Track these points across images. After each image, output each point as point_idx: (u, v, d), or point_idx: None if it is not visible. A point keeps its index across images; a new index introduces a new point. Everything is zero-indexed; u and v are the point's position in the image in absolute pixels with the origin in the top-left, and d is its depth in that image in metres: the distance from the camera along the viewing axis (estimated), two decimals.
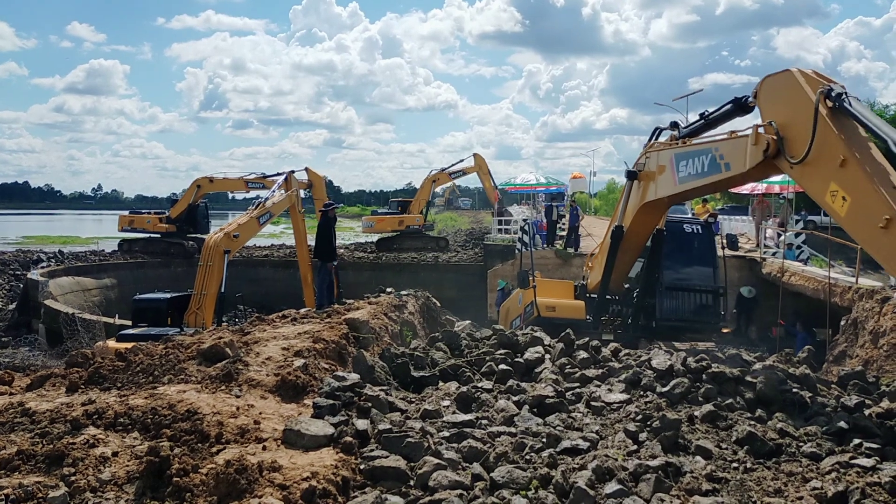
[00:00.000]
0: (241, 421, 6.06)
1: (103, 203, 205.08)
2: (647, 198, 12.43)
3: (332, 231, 17.85)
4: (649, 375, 7.93)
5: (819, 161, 7.59)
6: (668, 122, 12.60)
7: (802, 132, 7.78)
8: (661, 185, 11.91)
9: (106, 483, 4.99)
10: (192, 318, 16.38)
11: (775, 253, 23.87)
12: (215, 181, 34.98)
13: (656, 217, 13.23)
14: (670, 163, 11.37)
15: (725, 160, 9.69)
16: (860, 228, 7.26)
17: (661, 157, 11.95)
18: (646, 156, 12.61)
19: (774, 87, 8.68)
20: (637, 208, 12.88)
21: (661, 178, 11.84)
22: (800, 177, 8.12)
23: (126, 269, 34.23)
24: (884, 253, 6.99)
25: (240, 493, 4.84)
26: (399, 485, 5.47)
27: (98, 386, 7.09)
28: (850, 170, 7.14)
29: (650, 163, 12.39)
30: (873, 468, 5.61)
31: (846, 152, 7.17)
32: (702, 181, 10.46)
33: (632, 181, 13.07)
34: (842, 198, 7.29)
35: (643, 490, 5.34)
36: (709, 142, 10.38)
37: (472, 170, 39.62)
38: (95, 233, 61.41)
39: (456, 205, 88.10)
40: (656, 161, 12.10)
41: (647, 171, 12.46)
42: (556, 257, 26.56)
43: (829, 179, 7.43)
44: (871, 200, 6.90)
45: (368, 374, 7.82)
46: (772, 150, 8.30)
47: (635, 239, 13.41)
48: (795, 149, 7.97)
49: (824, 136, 7.45)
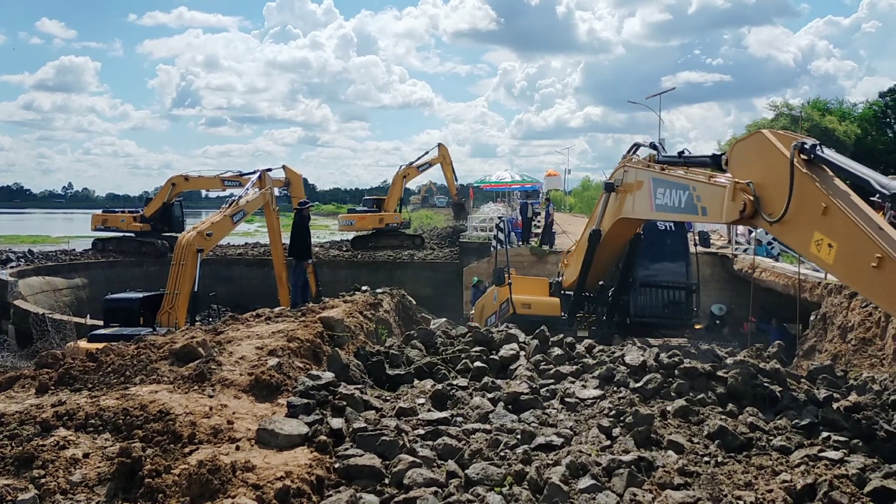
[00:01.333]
0: (215, 421, 6.02)
1: (74, 202, 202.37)
2: (625, 213, 12.47)
3: (307, 229, 17.79)
4: (622, 371, 8.00)
5: (800, 214, 7.53)
6: (649, 142, 12.65)
7: (778, 190, 7.74)
8: (638, 204, 11.88)
9: (77, 485, 4.93)
10: (165, 317, 16.23)
11: (746, 249, 24.17)
12: (191, 179, 34.48)
13: (633, 229, 13.33)
14: (648, 184, 11.33)
15: (702, 203, 9.62)
16: (851, 272, 7.15)
17: (639, 176, 11.95)
18: (624, 169, 12.66)
19: (746, 151, 8.68)
20: (614, 219, 12.95)
21: (639, 195, 11.80)
22: (780, 233, 8.09)
23: (97, 268, 33.83)
24: (880, 292, 6.81)
25: (213, 493, 4.82)
26: (374, 483, 5.47)
27: (68, 387, 6.99)
28: (834, 216, 7.08)
29: (628, 176, 12.43)
30: (841, 461, 5.72)
31: (827, 200, 7.12)
32: (678, 216, 10.55)
33: (609, 193, 13.14)
34: (828, 245, 7.21)
35: (616, 485, 5.39)
36: (688, 179, 10.24)
37: (437, 160, 39.69)
38: (66, 232, 60.52)
39: (432, 202, 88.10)
40: (634, 176, 12.13)
41: (625, 185, 12.50)
42: (531, 254, 26.68)
43: (812, 230, 7.35)
44: (860, 242, 6.82)
45: (343, 372, 7.81)
46: (748, 211, 8.24)
47: (613, 244, 13.52)
48: (772, 207, 7.92)
49: (803, 188, 7.41)
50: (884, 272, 6.57)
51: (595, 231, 13.50)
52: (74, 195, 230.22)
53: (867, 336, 12.69)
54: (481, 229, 35.42)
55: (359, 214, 41.90)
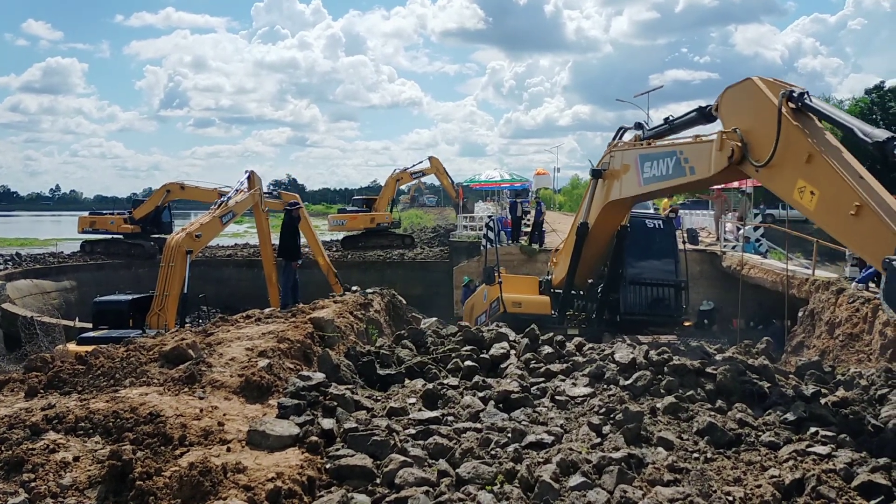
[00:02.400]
0: (205, 423, 6.01)
1: (61, 204, 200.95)
2: (612, 197, 12.56)
3: (297, 230, 17.75)
4: (612, 369, 8.04)
5: (784, 161, 7.76)
6: (633, 123, 12.73)
7: (766, 136, 7.95)
8: (625, 184, 12.04)
9: (67, 488, 4.91)
10: (154, 319, 16.16)
11: (735, 246, 24.30)
12: (187, 188, 33.45)
13: (620, 215, 13.39)
14: (635, 163, 11.50)
15: (690, 164, 9.84)
16: (831, 219, 7.39)
17: (625, 156, 12.08)
18: (610, 154, 12.74)
19: (735, 96, 8.85)
20: (602, 206, 13.01)
21: (626, 177, 11.98)
22: (766, 179, 8.26)
23: (86, 270, 33.67)
24: (857, 240, 7.15)
25: (204, 495, 4.81)
26: (365, 483, 5.47)
27: (58, 390, 6.97)
28: (817, 164, 7.32)
29: (614, 161, 12.53)
30: (829, 455, 5.77)
31: (811, 148, 7.37)
32: (666, 183, 10.61)
33: (596, 179, 13.20)
34: (810, 192, 7.45)
35: (606, 482, 5.42)
36: (674, 144, 10.52)
37: (430, 171, 39.93)
38: (54, 234, 60.05)
39: (421, 202, 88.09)
40: (621, 160, 12.24)
41: (612, 170, 12.60)
42: (521, 253, 26.70)
43: (795, 177, 7.59)
44: (840, 190, 7.07)
45: (334, 373, 7.81)
46: (736, 157, 8.46)
47: (600, 235, 13.56)
48: (759, 153, 8.14)
49: (789, 136, 7.62)
50: (861, 220, 6.85)
51: (582, 224, 13.54)
52: (62, 197, 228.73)
53: (854, 332, 12.80)
54: (471, 228, 35.42)
55: (350, 214, 41.84)
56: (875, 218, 6.74)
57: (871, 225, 6.80)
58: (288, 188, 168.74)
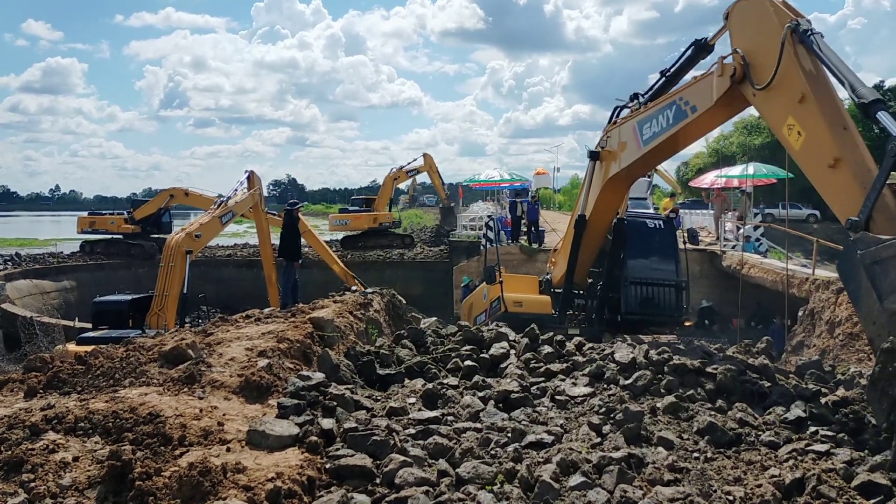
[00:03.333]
0: (205, 423, 6.00)
1: (61, 204, 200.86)
2: (611, 172, 12.49)
3: (297, 230, 17.76)
4: (612, 369, 8.03)
5: (780, 92, 7.92)
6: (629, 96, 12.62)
7: (768, 59, 8.05)
8: (625, 156, 12.02)
9: (67, 488, 4.91)
10: (154, 319, 16.18)
11: (734, 246, 24.31)
12: (191, 195, 33.63)
13: (620, 194, 13.32)
14: (633, 131, 11.51)
15: (691, 104, 9.88)
16: (811, 164, 7.63)
17: (622, 132, 12.07)
18: (607, 135, 12.73)
19: (745, 12, 8.90)
20: (601, 187, 12.94)
21: (625, 152, 11.98)
22: (762, 103, 8.39)
23: (86, 270, 33.69)
24: (830, 192, 7.35)
25: (204, 495, 4.80)
26: (365, 483, 5.46)
27: (57, 390, 6.96)
28: (807, 107, 7.49)
29: (611, 141, 12.52)
30: (827, 453, 5.76)
31: (805, 89, 7.53)
32: (668, 133, 10.55)
33: (594, 161, 13.17)
34: (797, 132, 7.69)
35: (607, 482, 5.41)
36: (671, 94, 10.57)
37: (423, 168, 40.27)
38: (53, 234, 60.07)
39: (420, 202, 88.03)
40: (618, 138, 12.24)
41: (609, 150, 12.58)
42: (520, 253, 26.72)
43: (787, 113, 7.80)
44: (823, 139, 7.30)
45: (333, 372, 7.80)
46: (738, 75, 8.55)
47: (598, 223, 13.51)
48: (760, 75, 8.25)
49: (787, 70, 7.76)
50: (836, 174, 7.11)
51: (580, 216, 13.51)
52: (62, 197, 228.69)
53: (854, 331, 12.79)
54: (471, 228, 35.43)
55: (353, 214, 41.92)
56: (849, 174, 7.02)
57: (845, 180, 7.08)
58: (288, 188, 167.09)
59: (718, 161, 44.21)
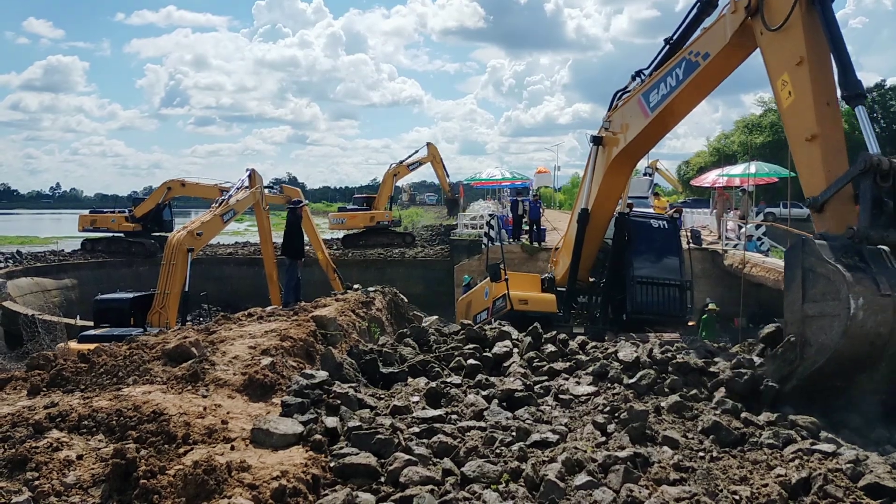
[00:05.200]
0: (209, 421, 5.99)
1: (62, 202, 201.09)
2: (614, 154, 12.43)
3: (300, 228, 17.76)
4: (616, 367, 8.02)
5: (783, 45, 8.05)
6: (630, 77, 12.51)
7: (782, 3, 8.09)
8: (630, 131, 11.96)
9: (71, 487, 4.89)
10: (156, 317, 16.18)
11: (736, 245, 24.30)
12: (187, 185, 33.59)
13: (622, 178, 13.29)
14: (638, 104, 11.48)
15: (703, 53, 9.88)
16: (791, 130, 7.98)
17: (625, 112, 12.04)
18: (608, 120, 12.69)
19: None
20: (605, 170, 12.90)
21: (629, 130, 11.93)
22: (767, 45, 8.43)
23: (87, 269, 33.69)
24: (801, 162, 7.72)
25: (209, 493, 4.78)
26: (370, 482, 5.44)
27: (61, 388, 6.95)
28: (802, 73, 7.67)
29: (614, 124, 12.49)
30: (834, 453, 5.75)
31: (805, 54, 7.67)
32: (678, 90, 10.48)
33: (597, 146, 13.14)
34: (788, 92, 7.90)
35: (612, 481, 5.39)
36: (679, 53, 10.59)
37: (427, 160, 39.90)
38: (54, 232, 60.13)
39: (421, 200, 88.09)
40: (620, 120, 12.20)
41: (612, 133, 12.54)
42: (522, 251, 26.71)
43: (784, 69, 7.99)
44: (807, 111, 7.55)
45: (337, 371, 7.78)
46: (753, 5, 8.54)
47: (601, 214, 13.49)
48: (771, 16, 8.27)
49: (792, 30, 7.86)
50: (811, 148, 7.43)
51: (583, 210, 13.49)
52: (62, 195, 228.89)
53: None
54: (472, 227, 35.41)
55: (350, 213, 41.87)
56: (820, 152, 7.35)
57: (816, 158, 7.42)
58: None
59: (720, 160, 44.18)
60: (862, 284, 6.28)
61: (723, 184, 29.05)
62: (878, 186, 6.69)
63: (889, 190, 6.74)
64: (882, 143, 34.57)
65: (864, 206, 6.76)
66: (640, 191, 32.38)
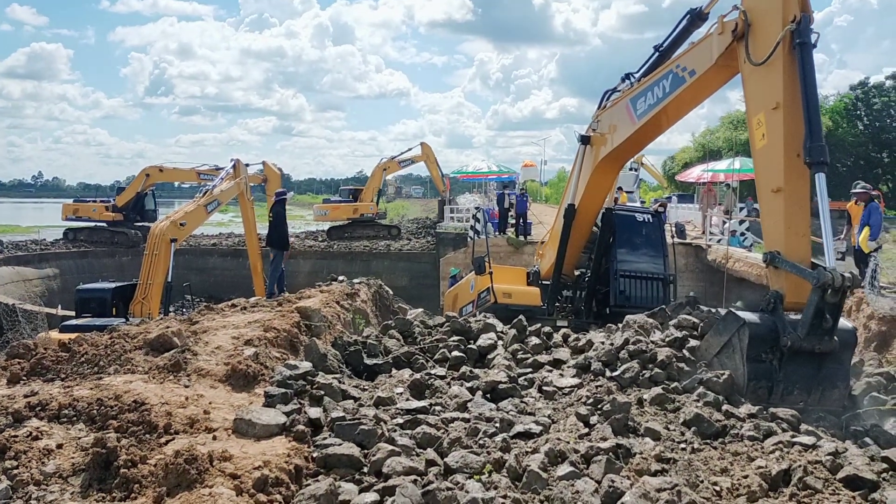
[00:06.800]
0: (191, 411, 5.96)
1: (44, 191, 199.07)
2: (602, 154, 12.41)
3: (285, 219, 17.67)
4: (599, 360, 8.03)
5: (762, 85, 7.98)
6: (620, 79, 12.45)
7: (767, 37, 7.96)
8: (616, 136, 11.93)
9: (50, 476, 4.85)
10: (138, 308, 16.10)
11: (720, 240, 24.42)
12: (165, 171, 33.84)
13: (609, 178, 13.25)
14: (626, 109, 11.37)
15: (689, 69, 9.79)
16: (760, 175, 8.03)
17: (613, 113, 11.98)
18: (597, 119, 12.67)
19: None
20: (591, 170, 12.89)
21: (616, 132, 11.90)
22: (747, 76, 8.34)
23: (69, 258, 33.37)
24: (764, 209, 7.89)
25: (190, 483, 4.76)
26: (353, 472, 5.44)
27: (41, 377, 6.88)
28: (777, 119, 7.63)
29: (602, 125, 12.43)
30: (813, 446, 5.80)
31: (781, 99, 7.61)
32: (664, 102, 10.45)
33: (585, 146, 13.13)
34: (762, 134, 7.87)
35: (594, 471, 5.42)
36: (667, 64, 10.49)
37: (420, 158, 39.77)
38: (36, 221, 59.48)
39: (407, 193, 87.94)
40: (609, 120, 12.16)
41: (600, 134, 12.51)
42: (507, 245, 26.73)
43: (760, 109, 7.95)
44: (776, 160, 7.58)
45: (321, 362, 7.76)
46: (740, 30, 8.41)
47: (587, 211, 13.46)
48: (755, 47, 8.16)
49: (774, 69, 7.76)
50: (774, 201, 7.56)
51: (570, 205, 13.50)
52: (45, 184, 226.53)
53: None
54: (458, 220, 35.39)
55: (333, 204, 41.71)
56: (782, 207, 7.48)
57: (778, 211, 7.54)
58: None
59: (705, 156, 44.38)
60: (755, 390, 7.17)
61: (707, 179, 29.19)
62: (824, 301, 6.93)
63: (835, 304, 6.99)
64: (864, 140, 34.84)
65: (806, 317, 7.00)
66: (626, 185, 32.46)
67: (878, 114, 54.96)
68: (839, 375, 7.34)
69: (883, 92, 55.26)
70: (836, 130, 49.44)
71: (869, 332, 11.12)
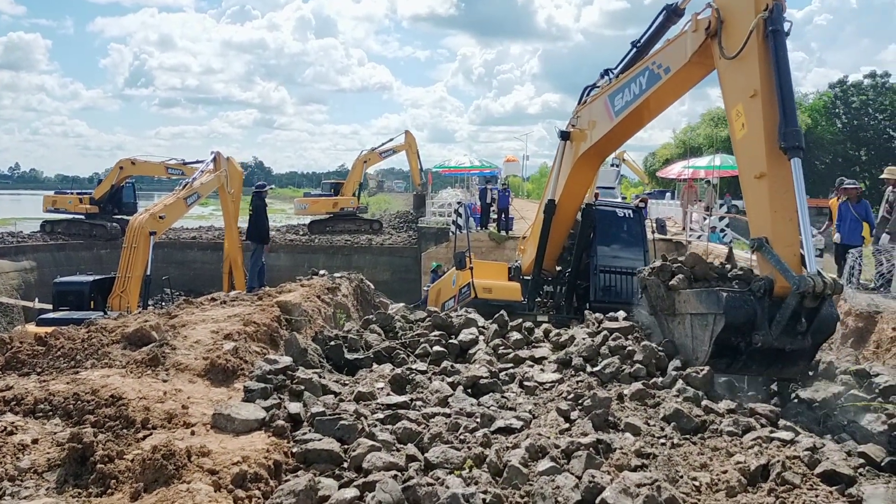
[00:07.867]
0: (169, 406, 5.89)
1: (21, 182, 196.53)
2: (582, 149, 12.44)
3: (265, 213, 17.58)
4: (580, 355, 8.05)
5: (738, 77, 7.98)
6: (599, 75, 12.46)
7: (739, 29, 7.98)
8: (595, 132, 11.94)
9: (25, 471, 4.78)
10: (117, 301, 15.95)
11: (700, 236, 24.59)
12: (137, 163, 33.65)
13: (590, 173, 13.27)
14: (604, 105, 11.39)
15: (664, 66, 9.78)
16: (742, 164, 8.03)
17: (592, 109, 12.00)
18: (577, 115, 12.70)
19: None
20: (571, 165, 12.92)
21: (595, 128, 11.93)
22: (723, 71, 8.33)
23: (46, 251, 33.02)
24: (749, 198, 7.80)
25: (167, 478, 4.71)
26: (333, 467, 5.42)
27: (16, 371, 6.78)
28: (756, 106, 7.61)
29: (581, 120, 12.46)
30: (791, 441, 5.85)
31: (759, 87, 7.59)
32: (641, 99, 10.46)
33: (564, 141, 13.15)
34: (741, 124, 7.86)
35: (575, 467, 5.43)
36: (643, 61, 10.49)
37: (402, 148, 39.60)
38: (13, 213, 58.69)
39: (389, 187, 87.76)
40: (588, 116, 12.18)
41: (580, 129, 12.53)
42: (489, 240, 26.76)
43: (738, 100, 7.94)
44: (758, 148, 7.55)
45: (301, 356, 7.72)
46: (713, 27, 8.41)
47: (568, 207, 13.48)
48: (728, 44, 8.16)
49: (749, 60, 7.76)
50: (759, 185, 7.51)
51: (550, 201, 13.51)
52: (22, 176, 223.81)
53: None
54: (440, 214, 35.36)
55: (313, 198, 41.55)
56: (767, 192, 7.41)
57: (763, 197, 7.48)
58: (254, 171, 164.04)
59: (686, 152, 44.65)
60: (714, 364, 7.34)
61: (688, 176, 29.37)
62: (801, 306, 6.93)
63: (812, 309, 6.99)
64: (843, 138, 35.25)
65: (781, 318, 7.00)
66: (608, 181, 32.57)
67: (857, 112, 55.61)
68: (804, 355, 7.38)
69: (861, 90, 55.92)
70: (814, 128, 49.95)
71: (846, 328, 11.22)
